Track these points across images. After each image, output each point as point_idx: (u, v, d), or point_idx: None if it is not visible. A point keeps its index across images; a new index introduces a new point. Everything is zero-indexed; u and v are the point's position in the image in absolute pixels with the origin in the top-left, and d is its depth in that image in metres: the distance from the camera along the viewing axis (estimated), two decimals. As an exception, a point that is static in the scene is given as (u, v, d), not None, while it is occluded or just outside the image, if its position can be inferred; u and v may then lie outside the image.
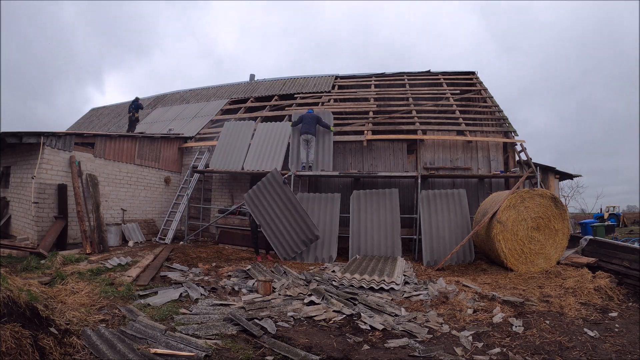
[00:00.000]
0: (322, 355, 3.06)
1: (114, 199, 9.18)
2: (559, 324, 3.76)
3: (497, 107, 10.83)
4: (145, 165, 10.16)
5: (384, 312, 4.25)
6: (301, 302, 4.56)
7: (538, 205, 6.50)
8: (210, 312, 4.09)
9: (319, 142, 9.69)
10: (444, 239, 7.53)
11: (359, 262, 6.66)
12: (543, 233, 6.46)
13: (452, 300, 4.55)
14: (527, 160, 9.32)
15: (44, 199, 7.46)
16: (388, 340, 3.45)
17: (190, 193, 10.07)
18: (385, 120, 10.66)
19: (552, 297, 4.55)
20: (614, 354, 3.08)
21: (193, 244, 9.15)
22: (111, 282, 5.07)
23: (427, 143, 9.83)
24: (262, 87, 14.88)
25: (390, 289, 5.14)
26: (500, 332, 3.61)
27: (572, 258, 6.10)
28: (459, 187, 8.95)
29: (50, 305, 3.65)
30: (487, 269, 6.71)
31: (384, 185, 9.35)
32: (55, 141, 7.73)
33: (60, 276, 5.05)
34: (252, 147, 10.20)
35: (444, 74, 13.71)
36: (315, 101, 12.40)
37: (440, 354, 3.14)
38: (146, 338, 3.17)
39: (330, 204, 8.40)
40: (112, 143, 9.18)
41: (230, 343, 3.23)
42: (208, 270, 6.24)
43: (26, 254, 6.40)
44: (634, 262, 4.92)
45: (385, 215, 7.99)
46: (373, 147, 10.08)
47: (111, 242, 8.25)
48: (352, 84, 13.68)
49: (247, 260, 7.38)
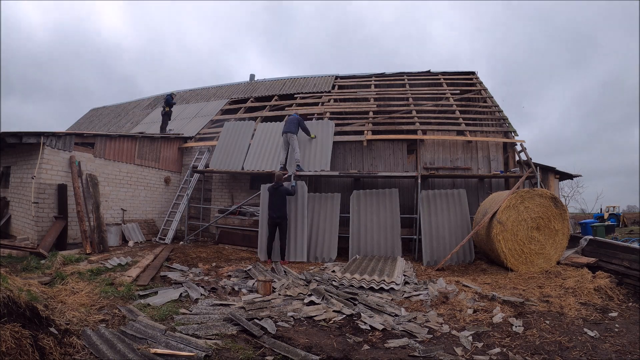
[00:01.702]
0: (322, 355, 3.06)
1: (114, 199, 9.18)
2: (559, 324, 3.76)
3: (497, 107, 10.83)
4: (145, 165, 10.16)
5: (384, 312, 4.25)
6: (301, 302, 4.56)
7: (538, 205, 6.50)
8: (210, 312, 4.09)
9: (319, 141, 9.69)
10: (444, 239, 7.53)
11: (359, 262, 6.66)
12: (543, 233, 6.45)
13: (452, 300, 4.54)
14: (527, 160, 9.32)
15: (44, 199, 7.46)
16: (388, 340, 3.45)
17: (190, 193, 10.07)
18: (385, 120, 10.66)
19: (552, 297, 4.54)
20: (614, 354, 3.08)
21: (193, 244, 9.15)
22: (111, 282, 5.07)
23: (427, 143, 9.83)
24: (262, 87, 14.89)
25: (390, 289, 5.14)
26: (500, 332, 3.61)
27: (572, 258, 6.10)
28: (459, 187, 8.95)
29: (50, 305, 3.65)
30: (487, 269, 6.71)
31: (384, 185, 9.35)
32: (55, 141, 7.73)
33: (60, 276, 5.05)
34: (252, 147, 10.20)
35: (444, 74, 13.71)
36: (315, 101, 12.40)
37: (440, 354, 3.14)
38: (146, 338, 3.17)
39: (330, 204, 8.40)
40: (112, 143, 9.18)
41: (230, 343, 3.23)
42: (208, 270, 6.24)
43: (26, 254, 6.40)
44: (634, 262, 4.92)
45: (385, 215, 7.99)
46: (373, 147, 10.08)
47: (111, 242, 8.26)
48: (352, 84, 13.69)
49: (247, 260, 7.38)
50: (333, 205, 8.36)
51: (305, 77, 14.96)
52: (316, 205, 8.43)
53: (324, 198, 8.53)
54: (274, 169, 9.37)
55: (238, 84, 15.98)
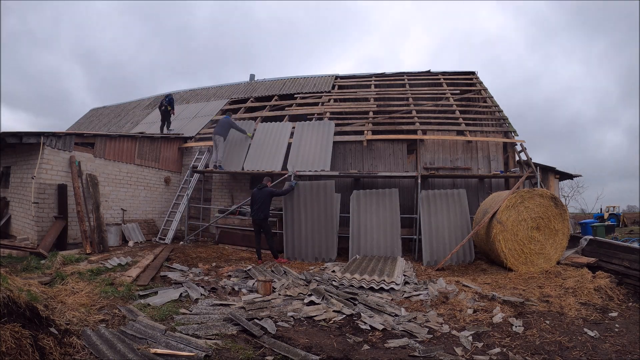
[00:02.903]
0: (322, 355, 3.06)
1: (114, 199, 9.18)
2: (559, 324, 3.76)
3: (497, 107, 10.83)
4: (145, 165, 10.16)
5: (384, 312, 4.25)
6: (301, 302, 4.56)
7: (538, 205, 6.50)
8: (210, 312, 4.09)
9: (319, 141, 9.70)
10: (444, 239, 7.53)
11: (359, 262, 6.66)
12: (543, 233, 6.46)
13: (452, 300, 4.55)
14: (527, 160, 9.32)
15: (44, 199, 7.46)
16: (388, 340, 3.45)
17: (190, 193, 10.06)
18: (385, 120, 10.66)
19: (552, 297, 4.55)
20: (614, 354, 3.08)
21: (193, 244, 9.15)
22: (111, 282, 5.07)
23: (427, 143, 9.83)
24: (262, 87, 14.89)
25: (390, 289, 5.14)
26: (500, 332, 3.61)
27: (572, 258, 6.10)
28: (459, 187, 8.95)
29: (50, 305, 3.65)
30: (487, 269, 6.71)
31: (384, 185, 9.35)
32: (55, 141, 7.73)
33: (60, 276, 5.04)
34: (252, 147, 10.20)
35: (444, 74, 13.71)
36: (315, 101, 12.40)
37: (440, 354, 3.14)
38: (146, 338, 3.17)
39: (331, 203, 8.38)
40: (112, 143, 9.18)
41: (230, 343, 3.23)
42: (208, 270, 6.24)
43: (26, 254, 6.40)
44: (634, 262, 4.92)
45: (385, 215, 7.99)
46: (373, 147, 10.08)
47: (111, 242, 8.25)
48: (352, 84, 13.69)
49: (247, 260, 7.38)
50: (333, 205, 8.36)
51: (305, 77, 14.97)
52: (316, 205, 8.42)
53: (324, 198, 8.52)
54: (274, 169, 9.38)
55: (238, 84, 15.97)
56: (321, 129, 10.05)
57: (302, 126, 10.32)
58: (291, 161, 9.51)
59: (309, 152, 9.57)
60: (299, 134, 10.07)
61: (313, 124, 10.37)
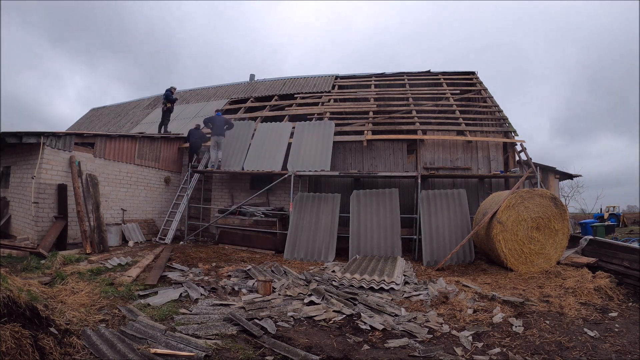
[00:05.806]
0: (322, 355, 3.06)
1: (114, 199, 9.18)
2: (559, 324, 3.76)
3: (497, 107, 10.84)
4: (145, 165, 10.16)
5: (384, 312, 4.25)
6: (301, 302, 4.56)
7: (538, 205, 6.50)
8: (210, 312, 4.09)
9: (319, 141, 9.70)
10: (444, 239, 7.53)
11: (359, 262, 6.66)
12: (543, 233, 6.45)
13: (452, 300, 4.54)
14: (527, 160, 9.32)
15: (44, 199, 7.46)
16: (388, 340, 3.45)
17: (190, 193, 10.07)
18: (385, 120, 10.66)
19: (552, 297, 4.55)
20: (614, 354, 3.08)
21: (193, 244, 9.15)
22: (111, 282, 5.08)
23: (427, 143, 9.83)
24: (262, 87, 14.89)
25: (390, 289, 5.14)
26: (500, 332, 3.61)
27: (572, 258, 6.10)
28: (459, 187, 8.95)
29: (50, 305, 3.65)
30: (487, 269, 6.71)
31: (384, 185, 9.35)
32: (55, 141, 7.73)
33: (60, 276, 5.05)
34: (252, 147, 10.20)
35: (444, 74, 13.72)
36: (315, 101, 12.40)
37: (440, 354, 3.14)
38: (146, 338, 3.17)
39: (330, 203, 8.40)
40: (112, 143, 9.18)
41: (230, 343, 3.23)
42: (208, 270, 6.24)
43: (26, 254, 6.40)
44: (634, 262, 4.92)
45: (385, 215, 7.99)
46: (373, 147, 10.08)
47: (111, 242, 8.25)
48: (352, 84, 13.69)
49: (247, 260, 7.38)
50: (333, 205, 8.37)
51: (305, 77, 14.97)
52: (316, 205, 8.43)
53: (324, 198, 8.53)
54: (274, 169, 9.38)
55: (238, 84, 15.98)
56: (321, 129, 10.05)
57: (302, 126, 10.33)
58: (291, 161, 9.50)
59: (309, 152, 9.57)
60: (299, 134, 10.08)
61: (313, 124, 10.37)
